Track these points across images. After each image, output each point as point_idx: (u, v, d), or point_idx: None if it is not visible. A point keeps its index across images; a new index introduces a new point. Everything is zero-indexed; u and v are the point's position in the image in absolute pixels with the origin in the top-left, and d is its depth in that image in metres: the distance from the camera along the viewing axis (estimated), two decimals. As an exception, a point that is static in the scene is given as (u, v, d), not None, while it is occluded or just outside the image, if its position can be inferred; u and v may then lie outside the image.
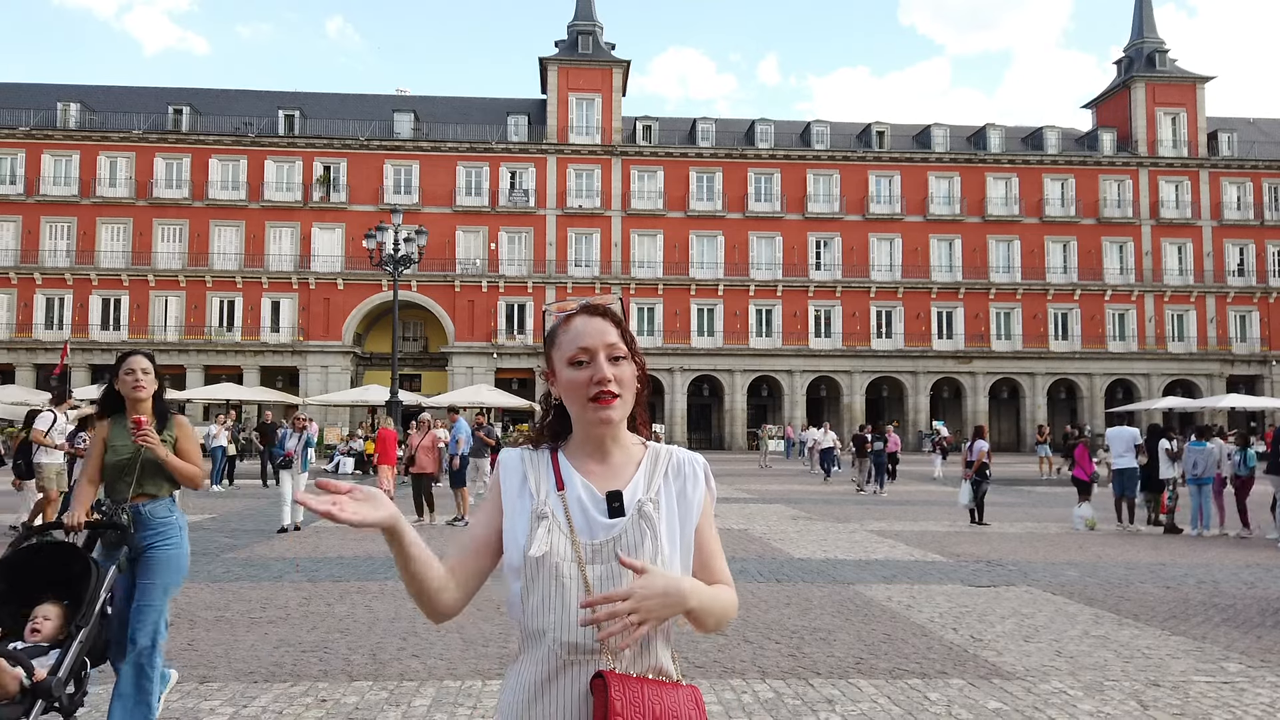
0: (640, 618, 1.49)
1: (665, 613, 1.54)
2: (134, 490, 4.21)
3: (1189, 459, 13.97)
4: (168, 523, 4.26)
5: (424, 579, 1.62)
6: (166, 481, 4.31)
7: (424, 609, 1.67)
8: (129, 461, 4.19)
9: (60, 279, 46.53)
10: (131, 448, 4.18)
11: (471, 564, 1.69)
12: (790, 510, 16.68)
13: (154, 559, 4.17)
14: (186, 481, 4.36)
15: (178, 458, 4.31)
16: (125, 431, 4.21)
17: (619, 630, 1.48)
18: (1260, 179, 52.29)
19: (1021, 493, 22.14)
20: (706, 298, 49.53)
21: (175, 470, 4.28)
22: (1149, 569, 10.19)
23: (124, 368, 4.25)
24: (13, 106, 47.68)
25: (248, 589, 8.40)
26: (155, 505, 4.24)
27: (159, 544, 4.20)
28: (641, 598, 1.50)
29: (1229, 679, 5.64)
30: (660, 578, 1.54)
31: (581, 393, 1.66)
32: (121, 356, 4.32)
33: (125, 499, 4.18)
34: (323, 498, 1.49)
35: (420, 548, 1.62)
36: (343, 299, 47.79)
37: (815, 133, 51.56)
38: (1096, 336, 50.60)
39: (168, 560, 4.20)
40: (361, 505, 1.52)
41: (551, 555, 1.61)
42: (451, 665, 5.80)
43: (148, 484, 4.24)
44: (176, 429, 4.38)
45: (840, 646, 6.38)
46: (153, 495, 4.25)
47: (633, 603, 1.49)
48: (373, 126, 49.41)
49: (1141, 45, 54.48)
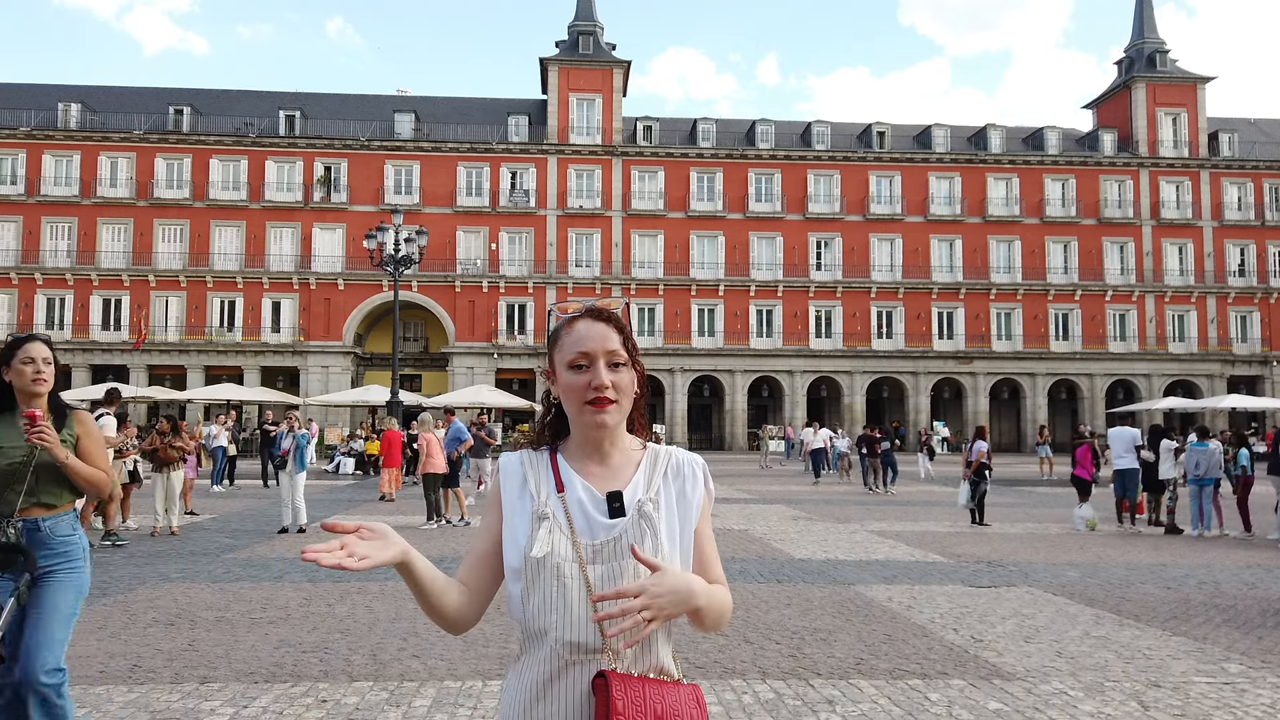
0: (651, 614, 1.50)
1: (675, 610, 1.55)
2: (26, 501, 3.48)
3: (1191, 459, 13.95)
4: (70, 541, 3.57)
5: (441, 607, 1.65)
6: (68, 491, 3.60)
7: (443, 627, 1.70)
8: (20, 466, 3.47)
9: (61, 279, 46.56)
10: (24, 449, 3.47)
11: (481, 575, 1.72)
12: (791, 511, 16.67)
13: (55, 585, 3.47)
14: (92, 488, 3.64)
15: (79, 460, 3.59)
16: (15, 430, 3.50)
17: (630, 627, 1.49)
18: (1261, 179, 52.28)
19: (1022, 493, 22.14)
20: (707, 298, 49.54)
21: (77, 475, 3.55)
22: (1150, 570, 10.18)
23: (20, 355, 3.55)
24: (13, 107, 47.72)
25: (248, 589, 8.41)
26: (56, 521, 3.55)
27: (61, 567, 3.51)
28: (654, 594, 1.51)
29: (1230, 680, 5.64)
30: (672, 575, 1.56)
31: (579, 396, 1.67)
32: (15, 341, 3.62)
33: (14, 511, 3.46)
34: (331, 547, 1.48)
35: (434, 577, 1.63)
36: (343, 299, 47.80)
37: (816, 133, 51.58)
38: (1097, 337, 50.59)
39: (71, 586, 3.51)
40: (371, 545, 1.52)
41: (552, 556, 1.61)
42: (452, 666, 5.80)
43: (45, 493, 3.53)
44: (78, 426, 3.69)
45: (841, 647, 6.38)
46: (51, 507, 3.55)
47: (645, 599, 1.50)
48: (373, 127, 49.43)
49: (1142, 45, 54.48)
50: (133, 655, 5.99)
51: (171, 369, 46.14)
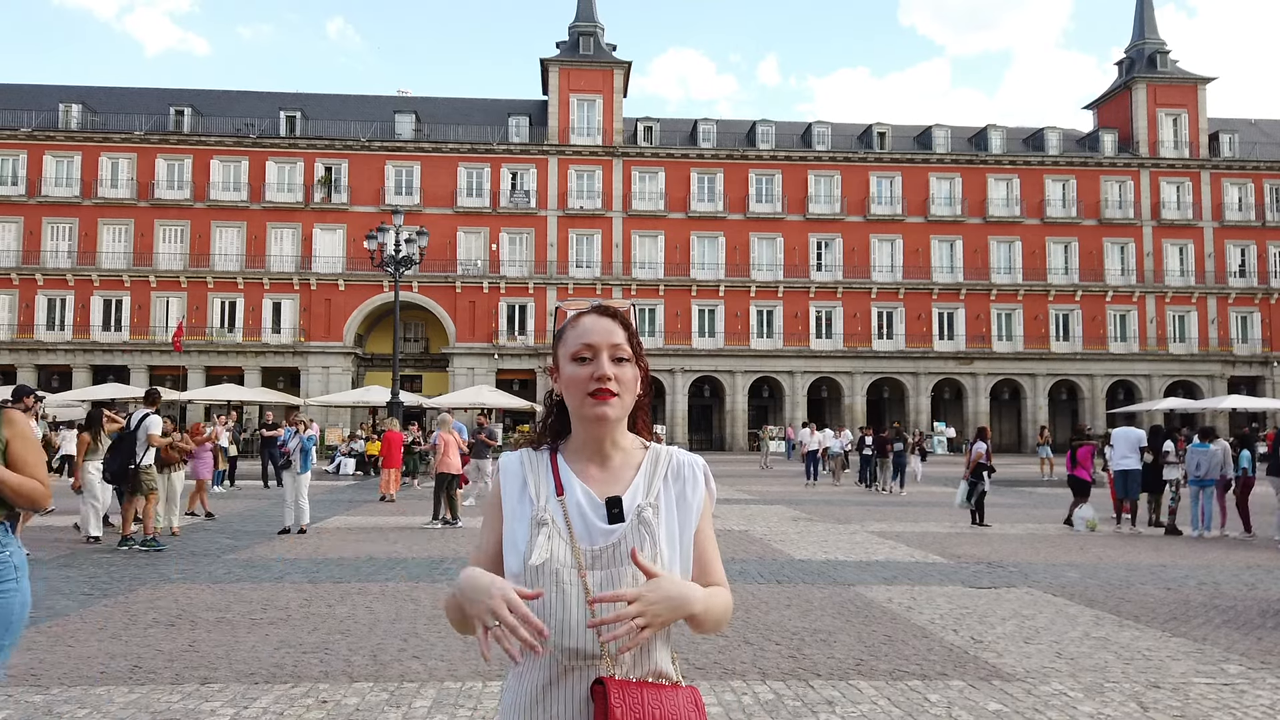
0: (645, 621, 1.50)
1: (670, 617, 1.55)
2: None
3: (1192, 460, 13.94)
4: (2, 560, 3.09)
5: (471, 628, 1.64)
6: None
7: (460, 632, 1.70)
8: None
9: (62, 280, 46.57)
10: None
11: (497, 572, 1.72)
12: (791, 511, 16.67)
13: None
14: (25, 502, 3.13)
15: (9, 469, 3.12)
16: None
17: (624, 634, 1.49)
18: (1261, 180, 52.27)
19: (1022, 494, 22.14)
20: (708, 299, 49.54)
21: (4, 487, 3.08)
22: (1150, 570, 10.19)
23: None
24: (14, 108, 47.75)
25: (249, 590, 8.41)
26: None
27: None
28: (649, 601, 1.52)
29: (1229, 680, 5.64)
30: (669, 583, 1.56)
31: (581, 388, 1.67)
32: None
33: None
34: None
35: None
36: (344, 300, 47.81)
37: (816, 134, 51.59)
38: (1098, 337, 50.59)
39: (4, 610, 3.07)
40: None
41: (552, 562, 1.62)
42: (452, 666, 5.80)
43: None
44: (6, 428, 3.19)
45: (840, 648, 6.39)
46: None
47: (640, 606, 1.51)
48: (374, 127, 49.44)
49: (1142, 46, 54.48)
50: (133, 656, 6.00)
51: (172, 369, 46.14)
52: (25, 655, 5.95)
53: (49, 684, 5.33)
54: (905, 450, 22.34)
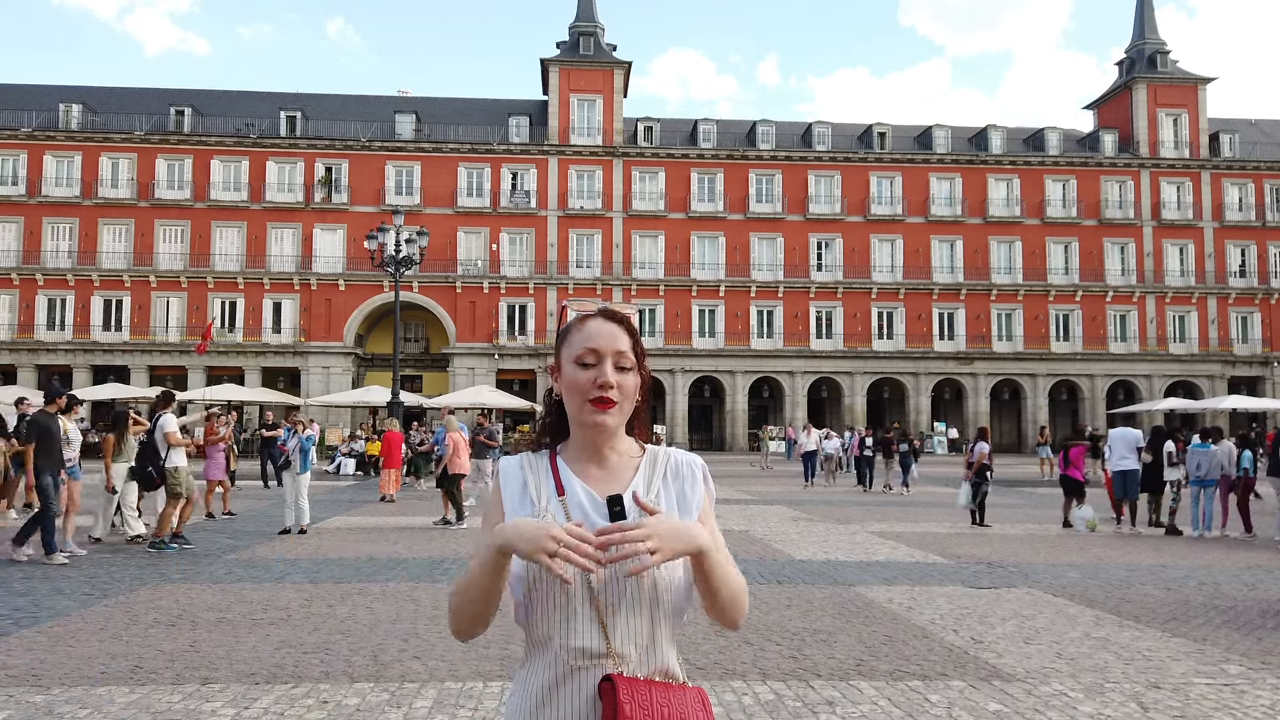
0: (654, 545, 1.51)
1: (679, 546, 1.55)
2: None
3: (1192, 461, 13.95)
4: None
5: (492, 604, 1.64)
6: None
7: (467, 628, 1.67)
8: None
9: (62, 280, 46.57)
10: None
11: None
12: (791, 512, 16.68)
13: None
14: None
15: None
16: None
17: (632, 555, 1.50)
18: (1262, 180, 52.27)
19: (1022, 494, 22.14)
20: (708, 299, 49.54)
21: None
22: (1150, 571, 10.19)
23: None
24: (14, 108, 47.74)
25: (249, 590, 8.41)
26: None
27: None
28: (655, 527, 1.52)
29: (1230, 681, 5.65)
30: (673, 517, 1.61)
31: (582, 393, 1.67)
32: None
33: None
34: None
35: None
36: (344, 300, 47.82)
37: (816, 134, 51.59)
38: (1098, 338, 50.58)
39: None
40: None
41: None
42: (453, 667, 5.81)
43: None
44: None
45: (841, 648, 6.39)
46: None
47: (647, 530, 1.51)
48: (374, 127, 49.44)
49: (1143, 46, 54.48)
50: (134, 656, 6.00)
51: (172, 369, 46.14)
52: (26, 655, 5.96)
53: (50, 684, 5.33)
54: (910, 451, 22.34)
